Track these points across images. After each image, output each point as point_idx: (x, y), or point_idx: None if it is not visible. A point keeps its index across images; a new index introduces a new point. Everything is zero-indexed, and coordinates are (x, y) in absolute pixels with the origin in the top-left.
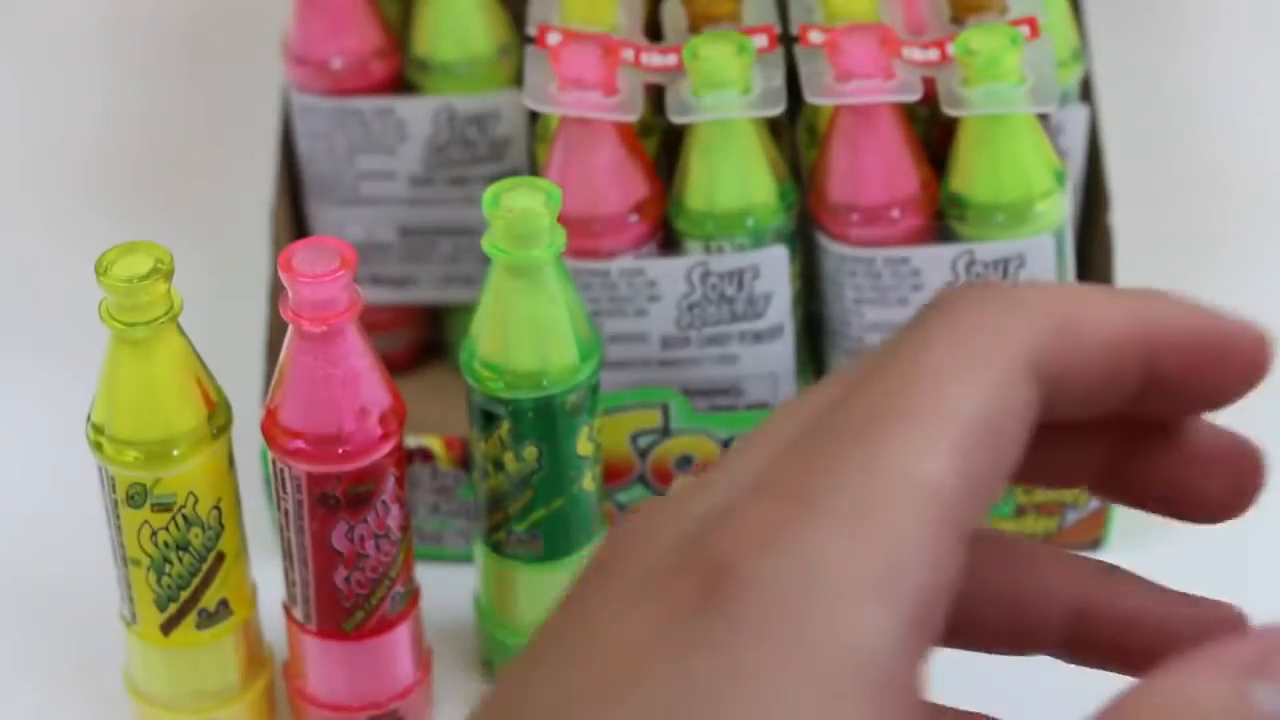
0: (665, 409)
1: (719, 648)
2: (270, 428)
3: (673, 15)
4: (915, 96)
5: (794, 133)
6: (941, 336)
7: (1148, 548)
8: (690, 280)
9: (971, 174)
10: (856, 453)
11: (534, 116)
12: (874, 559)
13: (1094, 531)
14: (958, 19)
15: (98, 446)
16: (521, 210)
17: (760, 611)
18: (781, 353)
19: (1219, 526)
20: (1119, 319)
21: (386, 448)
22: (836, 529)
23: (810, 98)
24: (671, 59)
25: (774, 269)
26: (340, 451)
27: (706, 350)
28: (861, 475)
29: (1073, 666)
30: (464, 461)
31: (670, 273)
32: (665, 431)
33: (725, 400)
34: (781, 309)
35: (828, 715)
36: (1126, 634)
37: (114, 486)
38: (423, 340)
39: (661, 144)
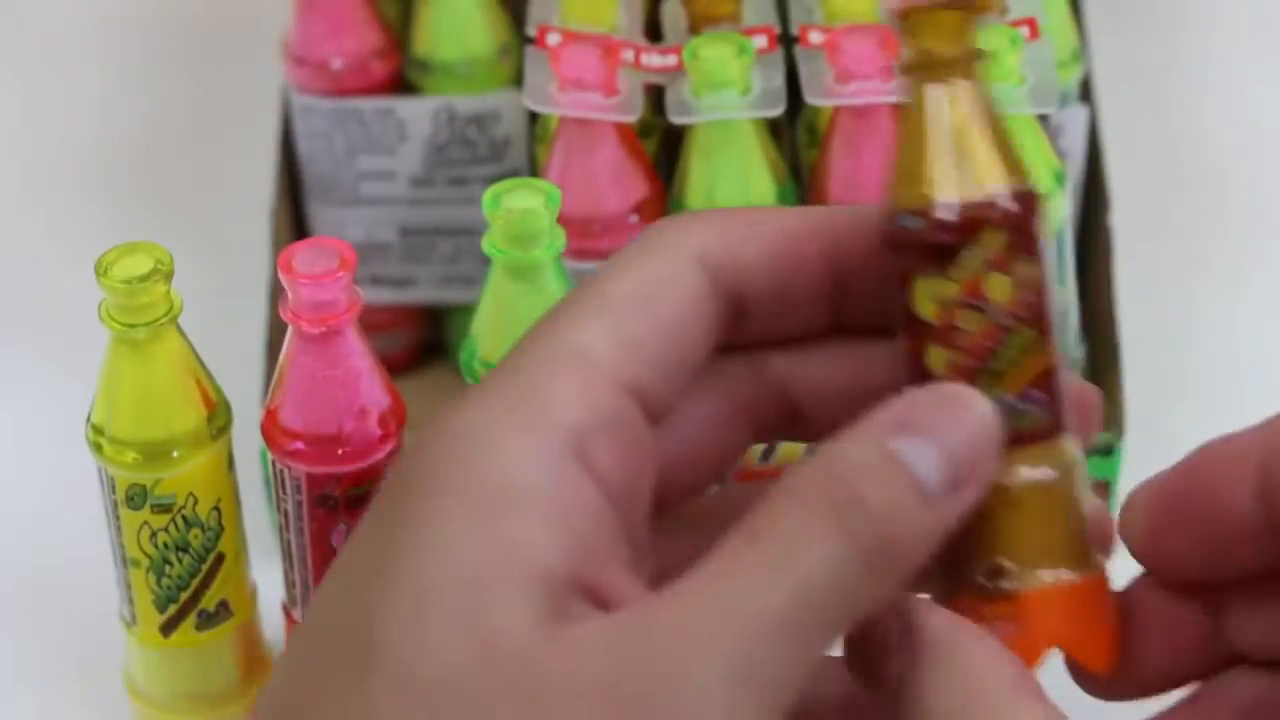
0: None
1: (404, 508)
2: (270, 429)
3: (672, 16)
4: None
5: (794, 133)
6: (630, 244)
7: None
8: None
9: None
10: (529, 337)
11: (534, 117)
12: (524, 409)
13: None
14: None
15: (97, 447)
16: (521, 211)
17: (434, 471)
18: None
19: None
20: (796, 216)
21: (386, 449)
22: (496, 394)
23: (810, 98)
24: (671, 59)
25: None
26: (339, 453)
27: None
28: (526, 352)
29: None
30: None
31: None
32: None
33: None
34: None
35: (495, 539)
36: None
37: (114, 487)
38: (423, 341)
39: (661, 144)
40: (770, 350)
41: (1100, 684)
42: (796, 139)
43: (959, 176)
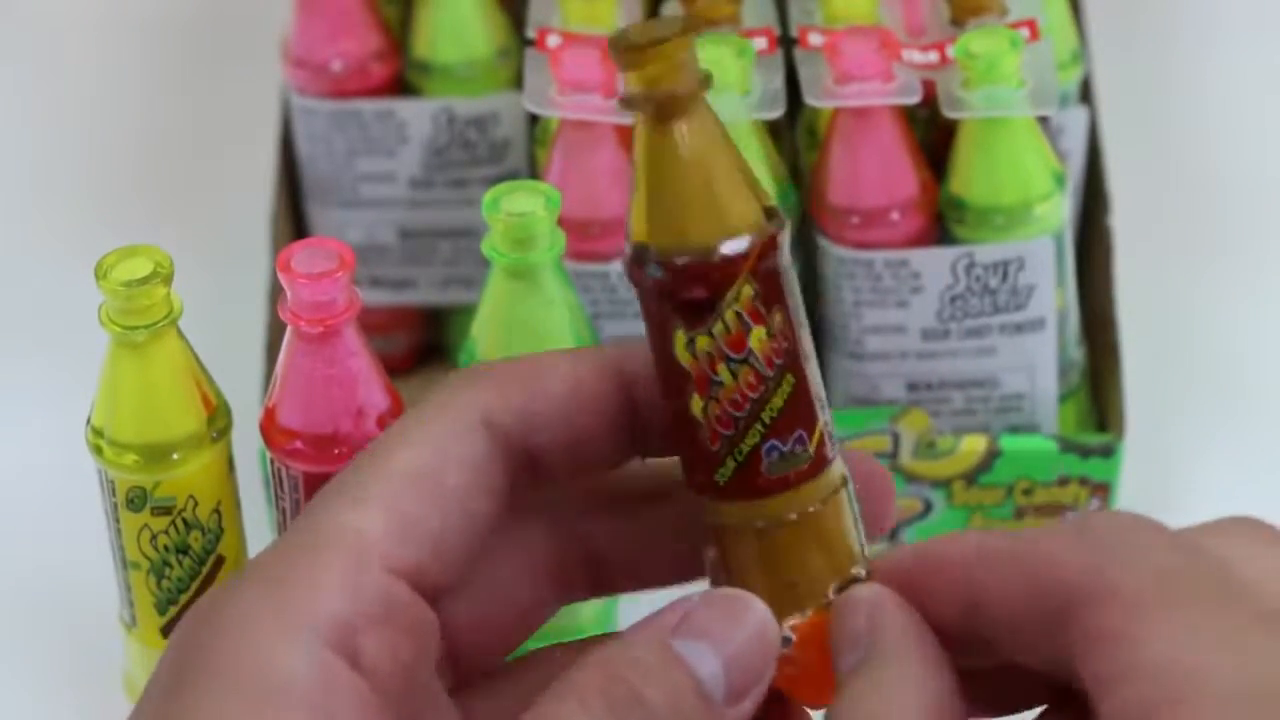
0: None
1: (174, 704)
2: (268, 428)
3: None
4: (915, 99)
5: (794, 135)
6: (414, 410)
7: None
8: None
9: (971, 176)
10: (303, 519)
11: (534, 119)
12: (288, 601)
13: None
14: (957, 21)
15: (98, 450)
16: (521, 215)
17: (200, 664)
18: None
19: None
20: (585, 361)
21: None
22: (261, 585)
23: (810, 100)
24: None
25: None
26: (337, 452)
27: None
28: (296, 535)
29: None
30: None
31: None
32: None
33: None
34: None
35: None
36: None
37: (114, 490)
38: (422, 342)
39: None
40: (573, 508)
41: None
42: (796, 140)
43: (701, 222)
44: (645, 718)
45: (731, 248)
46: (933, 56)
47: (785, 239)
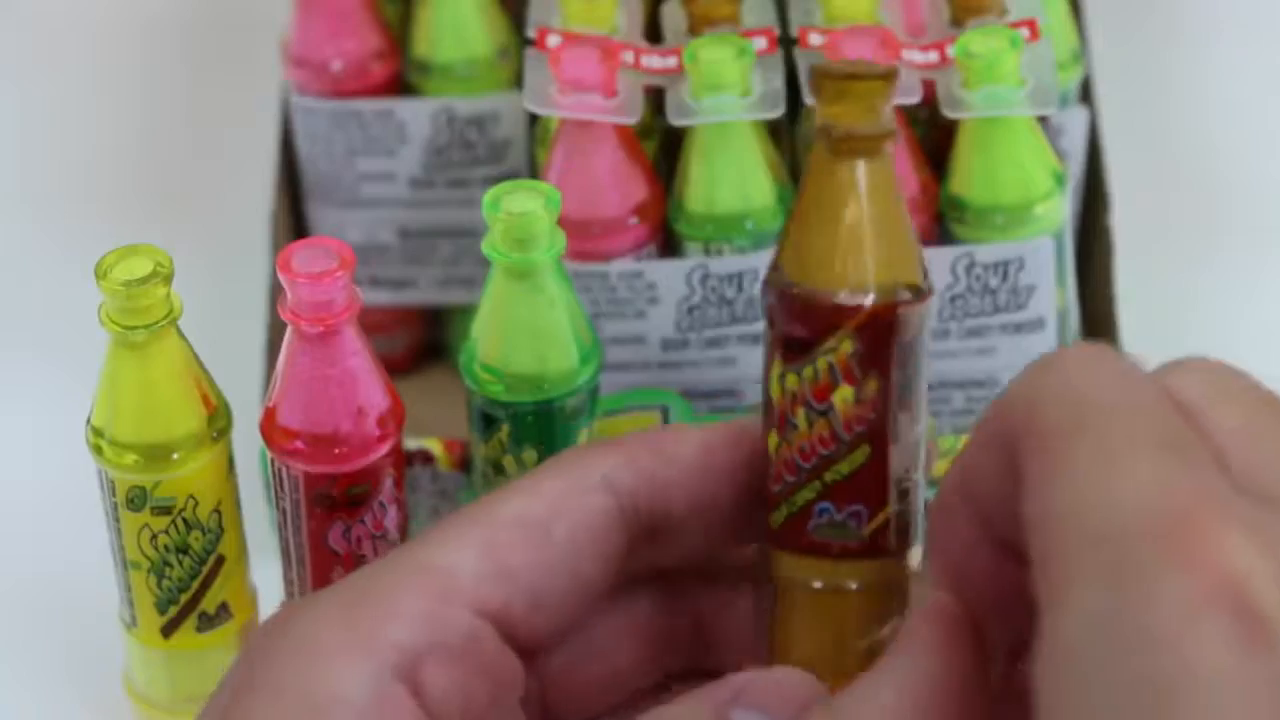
0: (665, 411)
1: (236, 705)
2: (268, 427)
3: (672, 17)
4: (915, 99)
5: (794, 135)
6: (544, 463)
7: None
8: (690, 283)
9: (971, 176)
10: (397, 550)
11: (534, 119)
12: (361, 623)
13: None
14: (957, 21)
15: (98, 450)
16: (521, 214)
17: (269, 677)
18: None
19: None
20: (710, 429)
21: (384, 449)
22: (331, 606)
23: (810, 100)
24: (671, 61)
25: None
26: (337, 452)
27: (706, 353)
28: (384, 563)
29: None
30: (464, 464)
31: (670, 275)
32: None
33: (725, 402)
34: None
35: None
36: None
37: (114, 490)
38: (422, 342)
39: (661, 147)
40: (688, 581)
41: None
42: (796, 140)
43: (833, 267)
44: None
45: (844, 298)
46: (933, 56)
47: (915, 315)
